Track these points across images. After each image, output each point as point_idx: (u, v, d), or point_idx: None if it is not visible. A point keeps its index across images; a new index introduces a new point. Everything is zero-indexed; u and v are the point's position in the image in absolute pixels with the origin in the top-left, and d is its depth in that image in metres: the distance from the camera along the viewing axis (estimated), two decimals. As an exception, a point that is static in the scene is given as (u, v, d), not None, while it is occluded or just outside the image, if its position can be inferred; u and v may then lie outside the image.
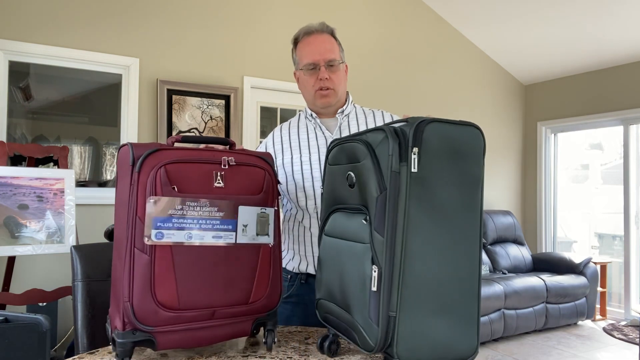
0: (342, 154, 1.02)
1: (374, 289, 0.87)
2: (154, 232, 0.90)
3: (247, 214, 1.00)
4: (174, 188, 0.92)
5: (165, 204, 0.91)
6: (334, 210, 1.04)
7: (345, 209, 1.00)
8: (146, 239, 0.89)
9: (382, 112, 1.56)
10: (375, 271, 0.88)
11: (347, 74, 1.55)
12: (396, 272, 0.86)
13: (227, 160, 0.99)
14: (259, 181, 1.03)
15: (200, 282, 0.94)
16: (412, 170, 0.86)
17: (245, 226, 1.00)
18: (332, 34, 1.49)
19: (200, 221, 0.94)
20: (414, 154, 0.86)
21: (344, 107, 1.52)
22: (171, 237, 0.91)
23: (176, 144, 2.39)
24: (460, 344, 0.88)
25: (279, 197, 1.23)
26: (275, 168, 1.49)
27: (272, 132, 1.60)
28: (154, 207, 0.90)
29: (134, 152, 0.91)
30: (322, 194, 1.11)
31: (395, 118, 1.54)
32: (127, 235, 0.90)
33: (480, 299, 0.91)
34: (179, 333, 0.93)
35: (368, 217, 0.91)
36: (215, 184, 0.97)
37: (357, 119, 1.53)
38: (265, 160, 1.06)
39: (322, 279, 1.06)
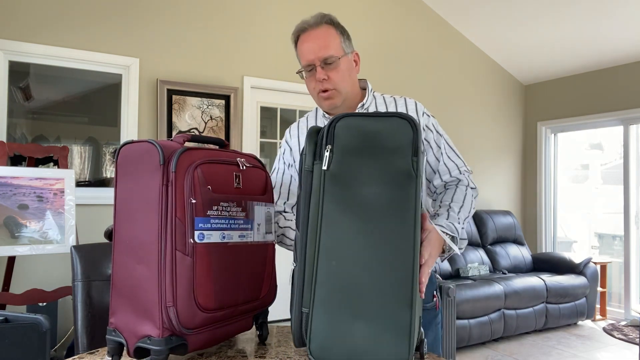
0: None
1: (290, 284, 0.90)
2: (196, 233, 0.89)
3: (259, 214, 1.05)
4: (209, 188, 0.92)
5: (204, 204, 0.91)
6: None
7: None
8: (191, 241, 0.88)
9: (404, 99, 1.39)
10: (293, 266, 0.90)
11: (359, 63, 1.38)
12: (309, 269, 0.85)
13: (243, 162, 1.01)
14: (262, 182, 1.08)
15: (229, 281, 0.95)
16: (323, 167, 0.86)
17: (259, 225, 1.04)
18: (330, 23, 1.34)
19: (230, 221, 0.96)
20: (327, 151, 0.86)
21: (365, 101, 1.36)
22: (210, 237, 0.91)
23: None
24: (384, 353, 0.81)
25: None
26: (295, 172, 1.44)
27: (288, 132, 1.46)
28: (195, 207, 0.89)
29: (164, 151, 0.88)
30: None
31: (420, 107, 1.38)
32: (163, 238, 0.87)
33: (414, 307, 0.81)
34: (204, 333, 0.93)
35: None
36: (235, 185, 0.98)
37: (376, 110, 1.38)
38: (260, 161, 1.11)
39: None
